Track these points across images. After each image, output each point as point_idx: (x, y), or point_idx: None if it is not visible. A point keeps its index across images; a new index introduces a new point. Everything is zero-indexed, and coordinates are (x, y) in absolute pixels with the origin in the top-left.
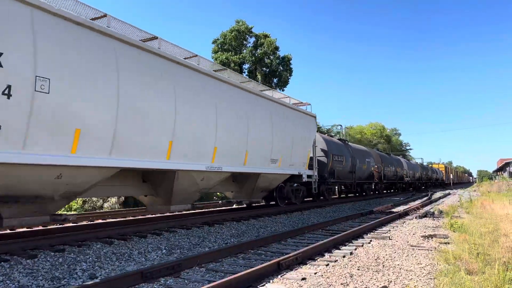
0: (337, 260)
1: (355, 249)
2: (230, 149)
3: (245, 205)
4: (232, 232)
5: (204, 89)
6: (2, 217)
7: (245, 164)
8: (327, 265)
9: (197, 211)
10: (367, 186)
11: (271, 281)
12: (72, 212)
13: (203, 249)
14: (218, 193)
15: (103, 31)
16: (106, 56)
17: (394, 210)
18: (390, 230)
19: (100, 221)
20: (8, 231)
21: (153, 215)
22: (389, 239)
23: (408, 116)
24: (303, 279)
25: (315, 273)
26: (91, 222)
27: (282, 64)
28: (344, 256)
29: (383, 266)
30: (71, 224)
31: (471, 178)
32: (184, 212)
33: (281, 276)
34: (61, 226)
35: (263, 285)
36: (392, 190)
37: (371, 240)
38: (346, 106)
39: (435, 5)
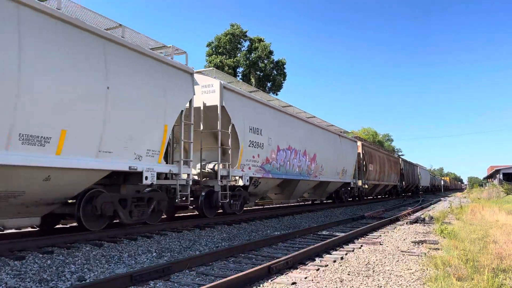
0: (327, 265)
1: (346, 254)
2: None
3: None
4: (223, 236)
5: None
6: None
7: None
8: (318, 269)
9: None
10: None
11: (261, 285)
12: None
13: (193, 252)
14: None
15: None
16: None
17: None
18: (381, 235)
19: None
20: None
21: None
22: (380, 244)
23: (400, 122)
24: (293, 283)
25: (306, 278)
26: None
27: (276, 69)
28: (334, 261)
29: (373, 271)
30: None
31: (462, 185)
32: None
33: (271, 280)
34: None
35: None
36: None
37: (361, 245)
38: (339, 111)
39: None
